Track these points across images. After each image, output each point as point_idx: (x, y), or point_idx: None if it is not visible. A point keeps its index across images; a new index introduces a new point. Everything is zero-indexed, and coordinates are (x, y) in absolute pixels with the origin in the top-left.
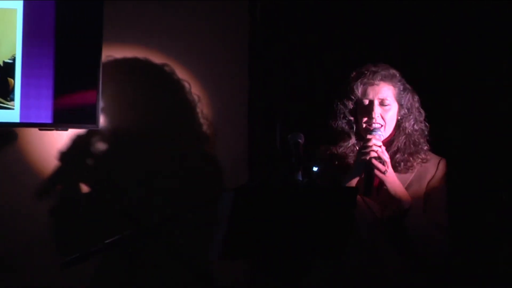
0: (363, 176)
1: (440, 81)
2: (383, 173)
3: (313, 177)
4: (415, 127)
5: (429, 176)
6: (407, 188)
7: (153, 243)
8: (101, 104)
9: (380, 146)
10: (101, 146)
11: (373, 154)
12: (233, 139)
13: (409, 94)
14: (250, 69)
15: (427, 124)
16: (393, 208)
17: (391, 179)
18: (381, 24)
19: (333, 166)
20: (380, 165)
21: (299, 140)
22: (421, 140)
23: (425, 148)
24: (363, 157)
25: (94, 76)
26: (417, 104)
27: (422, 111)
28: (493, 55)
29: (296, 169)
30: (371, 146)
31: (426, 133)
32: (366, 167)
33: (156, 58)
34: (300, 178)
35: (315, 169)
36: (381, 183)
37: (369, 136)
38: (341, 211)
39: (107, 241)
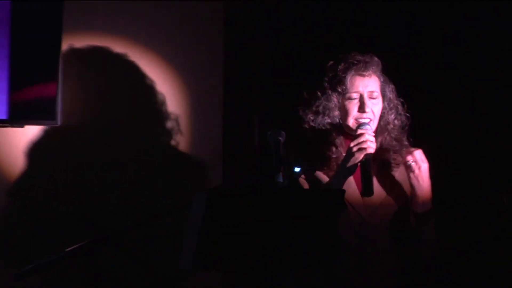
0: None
1: (441, 81)
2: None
3: (295, 179)
4: (396, 122)
5: None
6: (391, 192)
7: (118, 252)
8: (61, 98)
9: (373, 142)
10: (61, 144)
11: (370, 150)
12: (207, 136)
13: (389, 84)
14: (225, 60)
15: (408, 115)
16: (417, 212)
17: (426, 185)
18: (365, 20)
19: (316, 169)
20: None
21: (280, 138)
22: (401, 135)
23: (406, 143)
24: (357, 155)
25: (54, 67)
26: (394, 94)
27: (400, 101)
28: (494, 54)
29: (276, 170)
30: (365, 142)
31: (406, 127)
32: (363, 165)
33: (123, 48)
34: (281, 180)
35: (297, 170)
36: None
37: (360, 131)
38: (326, 216)
39: (67, 249)
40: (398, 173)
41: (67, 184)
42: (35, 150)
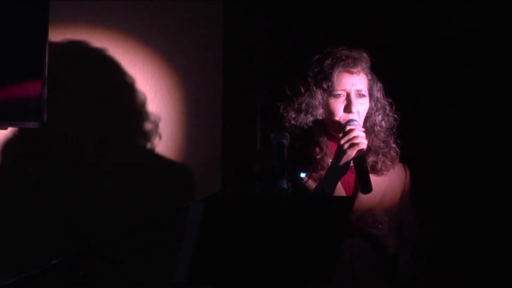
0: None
1: (439, 80)
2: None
3: (300, 185)
4: (383, 123)
5: (400, 184)
6: (382, 198)
7: (105, 265)
8: (46, 98)
9: (363, 137)
10: (46, 148)
11: (362, 145)
12: (205, 139)
13: (377, 83)
14: (224, 56)
15: (396, 116)
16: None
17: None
18: (366, 19)
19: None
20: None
21: (284, 141)
22: (389, 137)
23: (394, 146)
24: (349, 152)
25: (39, 63)
26: (382, 94)
27: (388, 101)
28: (492, 51)
29: (279, 176)
30: (356, 137)
31: (394, 129)
32: (356, 161)
33: (116, 43)
34: (285, 187)
35: (302, 175)
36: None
37: (349, 127)
38: (333, 226)
39: (54, 261)
40: (386, 181)
41: (52, 191)
42: (18, 153)
